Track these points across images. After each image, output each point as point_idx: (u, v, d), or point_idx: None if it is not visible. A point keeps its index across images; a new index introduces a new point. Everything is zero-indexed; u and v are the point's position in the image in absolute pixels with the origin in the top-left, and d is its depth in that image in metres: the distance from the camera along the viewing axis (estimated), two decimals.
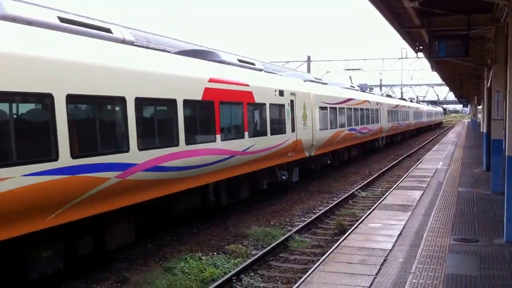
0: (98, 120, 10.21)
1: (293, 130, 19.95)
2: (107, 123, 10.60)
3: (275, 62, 62.30)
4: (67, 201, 9.36)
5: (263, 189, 18.74)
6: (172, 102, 12.46)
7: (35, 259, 9.44)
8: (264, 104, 17.71)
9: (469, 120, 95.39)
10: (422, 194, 16.61)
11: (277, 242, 13.51)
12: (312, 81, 25.06)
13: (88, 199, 9.83)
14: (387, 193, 17.72)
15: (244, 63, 17.88)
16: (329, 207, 18.30)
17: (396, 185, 19.61)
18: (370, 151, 38.06)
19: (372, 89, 58.86)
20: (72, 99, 9.47)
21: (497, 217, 12.28)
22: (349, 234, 11.99)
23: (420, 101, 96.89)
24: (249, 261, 11.92)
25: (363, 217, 13.84)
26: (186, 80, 13.08)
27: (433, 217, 12.57)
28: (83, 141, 9.74)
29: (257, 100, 17.18)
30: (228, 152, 15.07)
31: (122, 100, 10.77)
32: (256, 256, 12.27)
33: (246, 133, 16.24)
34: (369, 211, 14.68)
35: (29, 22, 9.50)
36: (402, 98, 66.06)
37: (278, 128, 18.68)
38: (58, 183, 9.05)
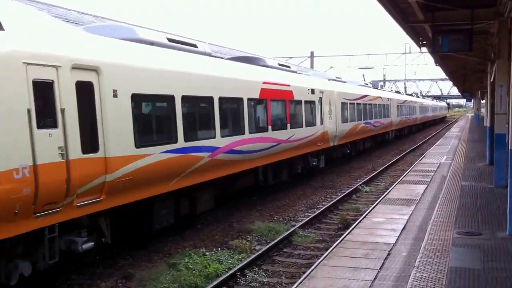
0: (197, 114, 13.67)
1: (321, 123, 23.10)
2: (203, 116, 13.96)
3: (278, 58, 62.28)
4: (180, 173, 12.58)
5: (297, 173, 21.74)
6: (240, 100, 15.92)
7: (158, 215, 12.55)
8: (301, 100, 20.86)
9: (473, 114, 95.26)
10: (426, 188, 16.61)
11: (281, 237, 13.50)
12: (334, 80, 28.17)
13: (192, 172, 13.04)
14: (391, 188, 17.71)
15: (283, 67, 21.39)
16: (333, 202, 18.31)
17: (399, 179, 19.60)
18: (381, 143, 40.90)
19: (383, 86, 62.11)
20: (184, 100, 12.77)
21: (500, 211, 12.29)
22: (353, 229, 11.96)
23: (425, 96, 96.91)
24: (253, 256, 11.90)
25: (367, 212, 13.83)
26: (249, 83, 16.65)
27: (437, 211, 12.57)
28: (190, 130, 13.03)
29: (296, 97, 20.32)
30: (276, 140, 18.24)
31: (211, 99, 14.20)
32: (260, 252, 12.23)
33: (288, 125, 19.44)
34: (373, 206, 14.65)
35: (152, 43, 12.72)
36: (409, 94, 67.61)
37: (310, 121, 21.85)
38: (176, 159, 12.32)
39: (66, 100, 9.14)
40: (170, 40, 13.71)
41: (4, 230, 8.05)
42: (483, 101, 49.43)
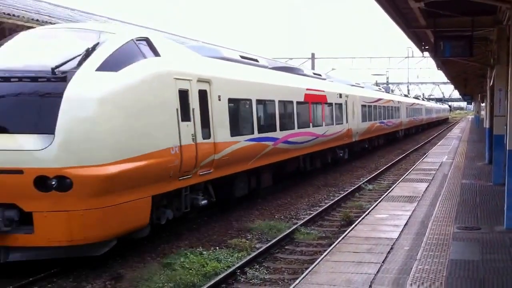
0: (265, 113, 17.50)
1: (346, 121, 27.16)
2: (268, 115, 17.77)
3: (278, 59, 61.84)
4: (255, 156, 16.27)
5: (327, 162, 25.38)
6: (291, 103, 19.70)
7: (238, 186, 16.02)
8: (332, 103, 24.95)
9: (473, 116, 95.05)
10: (428, 186, 16.76)
11: (282, 234, 13.05)
12: (355, 85, 32.62)
13: (261, 156, 16.73)
14: (394, 186, 17.81)
15: (316, 75, 25.91)
16: (336, 200, 18.09)
17: (402, 178, 19.71)
18: (392, 140, 44.90)
19: (393, 90, 66.68)
20: (257, 102, 16.58)
21: (498, 207, 12.49)
22: (356, 225, 12.00)
23: (428, 98, 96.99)
24: (253, 254, 11.48)
25: (370, 209, 13.89)
26: (298, 90, 20.72)
27: (438, 207, 12.75)
28: (261, 124, 16.79)
29: (328, 100, 24.38)
30: (315, 135, 22.11)
31: (273, 102, 17.96)
32: (261, 249, 11.84)
33: (323, 122, 23.39)
34: (376, 203, 14.73)
35: (229, 59, 16.19)
36: (415, 97, 71.94)
37: (339, 120, 25.99)
38: (253, 146, 16.06)
39: (194, 103, 12.72)
40: (241, 57, 17.61)
41: (164, 186, 11.64)
42: (483, 104, 49.48)
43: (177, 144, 11.78)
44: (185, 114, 12.22)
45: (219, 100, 14.11)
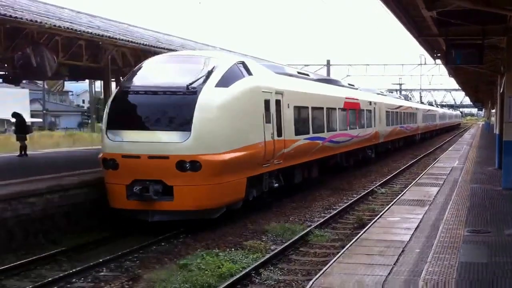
0: (316, 118, 20.89)
1: (374, 125, 30.92)
2: (319, 119, 21.35)
3: (294, 65, 61.86)
4: (309, 152, 19.79)
5: (358, 160, 28.67)
6: (335, 109, 23.60)
7: (297, 175, 19.34)
8: (364, 109, 28.71)
9: (483, 122, 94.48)
10: (439, 190, 16.70)
11: (297, 236, 13.16)
12: (380, 94, 37.45)
13: (313, 152, 20.36)
14: (406, 190, 17.77)
15: (350, 85, 29.67)
16: (349, 203, 18.23)
17: (414, 182, 19.67)
18: (410, 143, 47.40)
19: (411, 98, 70.08)
20: (312, 109, 20.17)
21: (507, 211, 12.48)
22: (368, 228, 11.99)
23: (441, 105, 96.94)
24: (268, 255, 11.60)
25: (382, 212, 13.87)
26: (339, 98, 24.64)
27: (449, 211, 12.70)
28: (314, 126, 20.29)
29: (361, 107, 28.23)
30: (351, 136, 25.80)
31: (322, 109, 21.70)
32: (276, 251, 11.97)
33: (357, 126, 27.22)
34: (388, 206, 14.72)
35: (290, 75, 20.08)
36: (430, 104, 77.43)
37: (369, 123, 29.83)
38: (309, 144, 19.59)
39: (273, 109, 16.32)
40: (298, 72, 22.36)
41: (254, 171, 15.32)
42: (493, 111, 49.25)
43: (263, 140, 15.56)
44: (267, 117, 15.93)
45: (288, 107, 17.76)
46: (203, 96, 13.62)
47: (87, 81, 50.34)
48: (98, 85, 58.52)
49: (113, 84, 24.31)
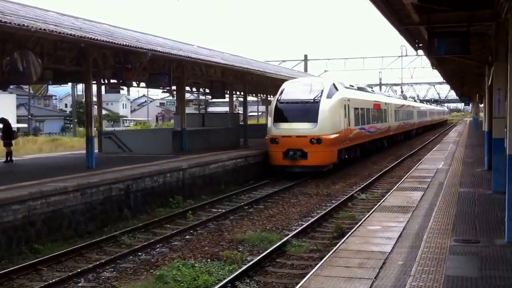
0: (362, 115, 34.13)
1: (387, 121, 43.68)
2: (364, 116, 34.44)
3: (271, 61, 62.26)
4: (359, 138, 33.05)
5: (376, 147, 40.76)
6: (369, 109, 36.16)
7: (353, 153, 32.58)
8: (382, 109, 41.57)
9: (471, 118, 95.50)
10: (423, 195, 16.59)
11: (273, 247, 13.54)
12: (390, 96, 54.50)
13: (360, 138, 33.52)
14: (387, 195, 17.71)
15: (372, 91, 44.50)
16: (328, 210, 18.42)
17: (396, 186, 19.63)
18: (407, 138, 58.29)
19: (407, 97, 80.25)
20: (360, 109, 33.60)
21: (498, 217, 12.30)
22: (347, 238, 11.90)
23: (424, 100, 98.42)
24: (244, 267, 11.96)
25: (362, 220, 13.78)
26: (372, 102, 37.58)
27: (434, 218, 12.59)
28: (361, 120, 33.59)
29: (381, 107, 41.25)
30: (376, 128, 38.49)
31: (364, 109, 34.46)
32: (251, 262, 12.29)
33: (379, 120, 39.71)
34: (369, 214, 14.63)
35: (350, 87, 33.98)
36: (421, 101, 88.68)
37: (385, 119, 42.61)
38: (359, 132, 32.94)
39: (346, 109, 29.44)
40: (349, 85, 34.24)
41: (341, 146, 28.83)
42: (482, 105, 49.62)
43: (344, 128, 28.87)
44: (345, 114, 29.12)
45: (351, 108, 30.74)
46: (321, 104, 27.52)
47: (69, 84, 51.61)
48: (80, 88, 63.30)
49: (94, 87, 26.43)
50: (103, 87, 29.22)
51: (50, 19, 20.08)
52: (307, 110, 27.27)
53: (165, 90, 38.41)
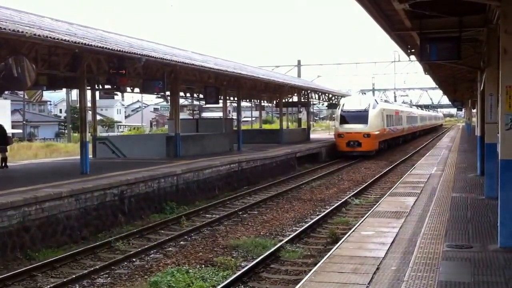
0: (391, 119, 50.03)
1: (402, 124, 56.69)
2: (391, 119, 50.09)
3: (264, 67, 62.39)
4: (388, 135, 48.47)
5: (395, 143, 54.15)
6: (392, 115, 51.02)
7: (385, 144, 48.97)
8: (400, 115, 55.69)
9: (464, 124, 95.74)
10: (416, 200, 16.58)
11: (267, 253, 13.56)
12: (401, 104, 72.28)
13: (388, 135, 48.65)
14: (381, 200, 17.72)
15: (394, 102, 72.16)
16: (322, 215, 18.42)
17: (389, 191, 19.63)
18: (413, 138, 70.67)
19: (412, 105, 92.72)
20: (389, 115, 49.18)
21: (491, 222, 12.31)
22: (341, 243, 11.85)
23: (419, 106, 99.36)
24: (238, 273, 11.97)
25: (356, 225, 13.74)
26: (395, 110, 54.56)
27: (427, 223, 12.58)
28: (390, 122, 48.95)
29: (399, 114, 55.62)
30: (397, 129, 53.05)
31: (390, 115, 49.71)
32: (245, 268, 12.33)
33: (399, 123, 54.68)
34: (362, 219, 14.59)
35: (384, 100, 61.49)
36: (421, 108, 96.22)
37: (401, 123, 55.80)
38: (389, 131, 48.38)
39: (383, 116, 44.99)
40: (381, 99, 62.17)
41: (381, 139, 45.08)
42: (474, 110, 49.79)
43: (382, 128, 44.20)
44: (382, 119, 44.16)
45: (384, 115, 45.04)
46: (369, 112, 42.19)
47: (64, 90, 51.78)
48: (75, 93, 62.08)
49: (89, 92, 26.40)
50: (97, 93, 29.15)
51: (45, 25, 20.12)
52: (360, 116, 42.06)
53: (159, 96, 38.30)
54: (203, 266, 13.05)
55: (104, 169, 21.76)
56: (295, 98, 52.76)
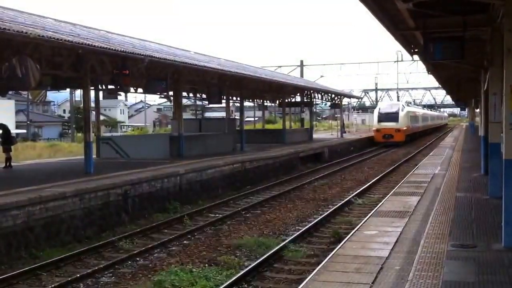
0: (415, 118, 69.14)
1: (419, 123, 72.40)
2: (415, 118, 69.88)
3: (267, 67, 62.42)
4: (412, 131, 65.32)
5: (414, 138, 67.20)
6: (413, 116, 67.99)
7: (409, 138, 64.05)
8: (418, 115, 72.49)
9: (467, 123, 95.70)
10: (420, 200, 16.55)
11: (270, 252, 13.56)
12: (417, 107, 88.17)
13: (411, 130, 63.88)
14: (384, 200, 17.65)
15: (413, 104, 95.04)
16: (325, 215, 18.39)
17: (392, 191, 19.56)
18: (424, 135, 79.54)
19: (423, 107, 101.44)
20: (413, 116, 69.10)
21: (495, 222, 12.27)
22: (344, 243, 11.80)
23: (422, 105, 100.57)
24: (241, 272, 11.98)
25: (359, 225, 13.68)
26: (417, 111, 75.18)
27: (431, 223, 12.55)
28: (413, 120, 66.84)
29: (417, 114, 71.72)
30: (417, 127, 70.94)
31: (413, 115, 68.58)
32: (249, 268, 12.33)
33: (417, 122, 70.85)
34: (365, 219, 14.53)
35: (408, 103, 78.83)
36: (427, 108, 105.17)
37: (418, 122, 71.57)
38: (412, 127, 64.65)
39: (408, 116, 63.91)
40: (405, 101, 79.15)
41: (407, 133, 60.92)
42: (478, 110, 49.66)
43: (407, 125, 59.99)
44: (408, 119, 60.88)
45: (409, 115, 61.69)
46: (399, 114, 58.40)
47: (68, 90, 51.94)
48: (79, 94, 61.96)
49: (92, 92, 26.42)
50: (101, 93, 29.25)
51: (48, 26, 20.19)
52: (393, 116, 57.31)
53: (163, 96, 38.43)
54: (206, 265, 13.07)
55: (108, 169, 21.79)
56: (298, 98, 52.69)
